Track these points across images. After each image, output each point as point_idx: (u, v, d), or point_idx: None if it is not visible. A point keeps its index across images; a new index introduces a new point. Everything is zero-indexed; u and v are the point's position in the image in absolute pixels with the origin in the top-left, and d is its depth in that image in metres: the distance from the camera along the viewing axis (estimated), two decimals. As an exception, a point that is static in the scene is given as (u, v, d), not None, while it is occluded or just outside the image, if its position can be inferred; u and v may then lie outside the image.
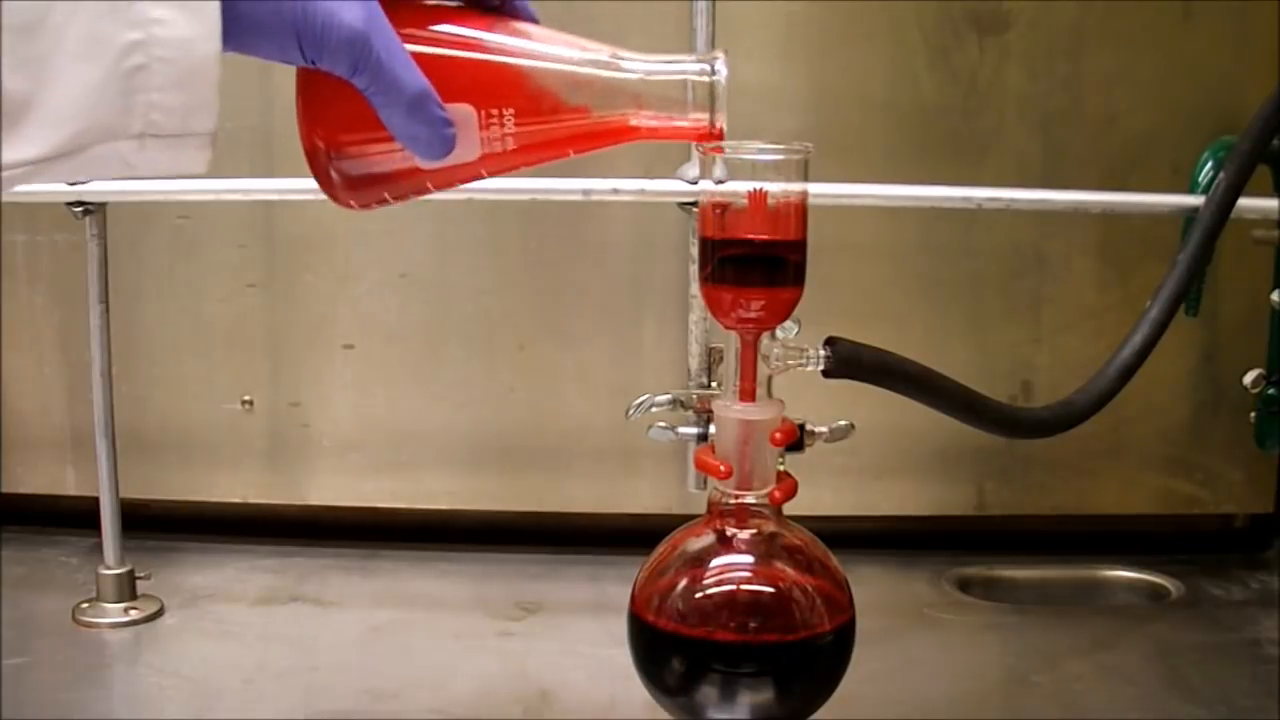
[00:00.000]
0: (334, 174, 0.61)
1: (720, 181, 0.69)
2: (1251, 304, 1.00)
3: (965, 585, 1.03)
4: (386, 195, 0.63)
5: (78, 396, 1.03)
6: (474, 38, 0.59)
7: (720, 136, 0.62)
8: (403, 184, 0.62)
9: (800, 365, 0.73)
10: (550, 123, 0.60)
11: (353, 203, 0.63)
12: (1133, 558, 1.06)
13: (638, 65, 0.61)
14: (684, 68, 0.61)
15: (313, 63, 0.54)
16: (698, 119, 0.62)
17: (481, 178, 0.62)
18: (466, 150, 0.59)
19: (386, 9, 0.55)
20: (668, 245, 1.02)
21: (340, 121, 0.59)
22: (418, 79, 0.55)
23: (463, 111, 0.58)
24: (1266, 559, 1.08)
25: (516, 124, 0.59)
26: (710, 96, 0.61)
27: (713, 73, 0.61)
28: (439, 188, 0.62)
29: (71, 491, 1.09)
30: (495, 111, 0.59)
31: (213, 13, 0.50)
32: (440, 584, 1.03)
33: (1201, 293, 0.94)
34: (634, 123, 0.61)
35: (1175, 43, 1.03)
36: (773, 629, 0.69)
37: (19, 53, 0.47)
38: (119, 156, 0.51)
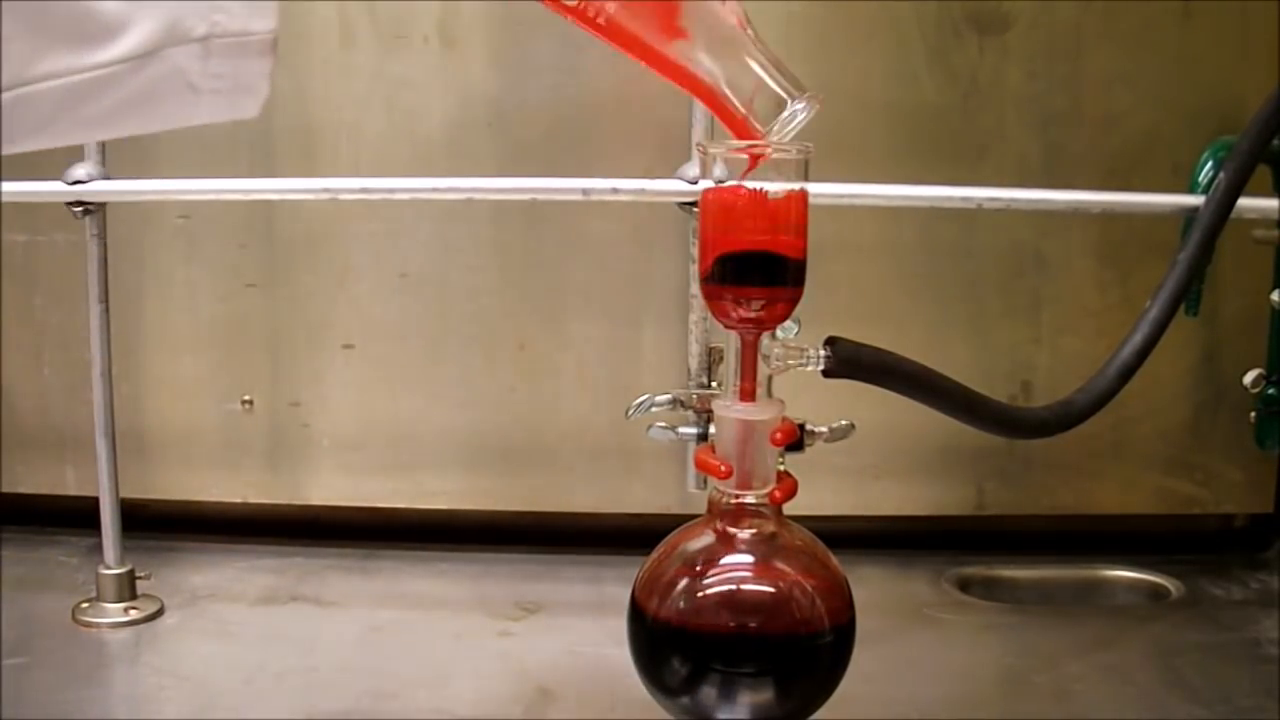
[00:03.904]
0: None
1: (720, 181, 0.69)
2: (1251, 304, 1.00)
3: (965, 585, 1.03)
4: None
5: (77, 396, 1.03)
6: None
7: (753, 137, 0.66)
8: None
9: (800, 365, 0.73)
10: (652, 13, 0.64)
11: None
12: (1133, 558, 1.06)
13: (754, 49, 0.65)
14: (779, 81, 0.65)
15: None
16: (754, 121, 0.65)
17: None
18: None
19: None
20: (668, 245, 1.02)
21: None
22: None
23: None
24: (1266, 559, 1.08)
25: None
26: (776, 113, 0.65)
27: (793, 101, 0.65)
28: None
29: (71, 491, 1.09)
30: None
31: None
32: (440, 584, 1.03)
33: (1201, 293, 0.94)
34: (708, 81, 0.64)
35: (1175, 43, 1.03)
36: (773, 628, 0.69)
37: None
38: (183, 77, 0.51)
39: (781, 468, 0.73)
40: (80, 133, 0.51)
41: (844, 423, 0.83)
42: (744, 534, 0.71)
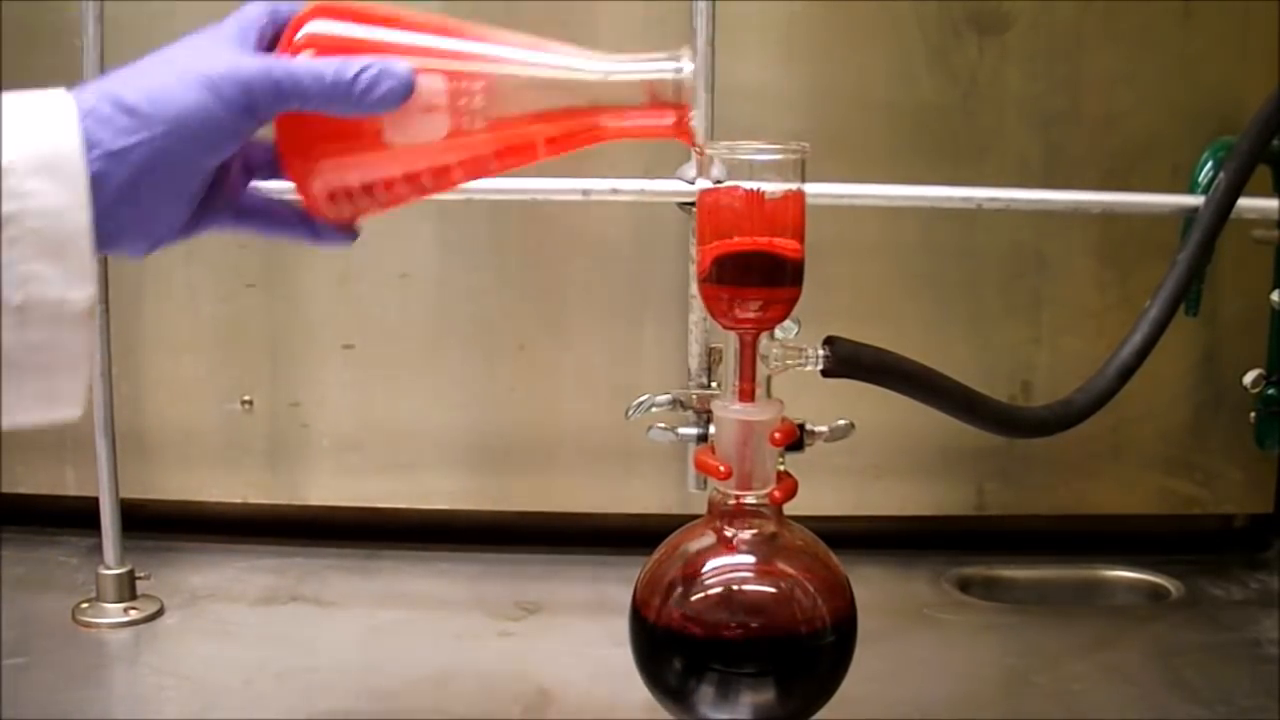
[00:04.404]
0: (323, 192, 0.61)
1: (719, 181, 0.69)
2: (1251, 304, 1.00)
3: (965, 585, 1.03)
4: (375, 201, 0.62)
5: (77, 396, 1.03)
6: (444, 26, 0.60)
7: (686, 132, 0.61)
8: (387, 188, 0.62)
9: (800, 365, 0.73)
10: (519, 112, 0.60)
11: (346, 214, 0.63)
12: (1133, 558, 1.06)
13: (601, 65, 0.60)
14: (650, 66, 0.60)
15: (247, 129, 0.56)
16: (665, 116, 0.61)
17: (455, 181, 0.61)
18: (436, 125, 0.59)
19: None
20: (668, 245, 1.02)
21: (312, 139, 0.59)
22: (331, 63, 0.56)
23: (433, 81, 0.58)
24: (1266, 559, 1.08)
25: (485, 100, 0.59)
26: (677, 93, 0.60)
27: (679, 70, 0.60)
28: (414, 190, 0.62)
29: (71, 491, 1.09)
30: (465, 85, 0.59)
31: (80, 182, 0.50)
32: (440, 584, 1.03)
33: (1201, 293, 0.94)
34: (602, 122, 0.61)
35: (1175, 43, 1.03)
36: (774, 628, 0.69)
37: None
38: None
39: (781, 468, 0.73)
40: None
41: (844, 423, 0.83)
42: (744, 534, 0.71)
